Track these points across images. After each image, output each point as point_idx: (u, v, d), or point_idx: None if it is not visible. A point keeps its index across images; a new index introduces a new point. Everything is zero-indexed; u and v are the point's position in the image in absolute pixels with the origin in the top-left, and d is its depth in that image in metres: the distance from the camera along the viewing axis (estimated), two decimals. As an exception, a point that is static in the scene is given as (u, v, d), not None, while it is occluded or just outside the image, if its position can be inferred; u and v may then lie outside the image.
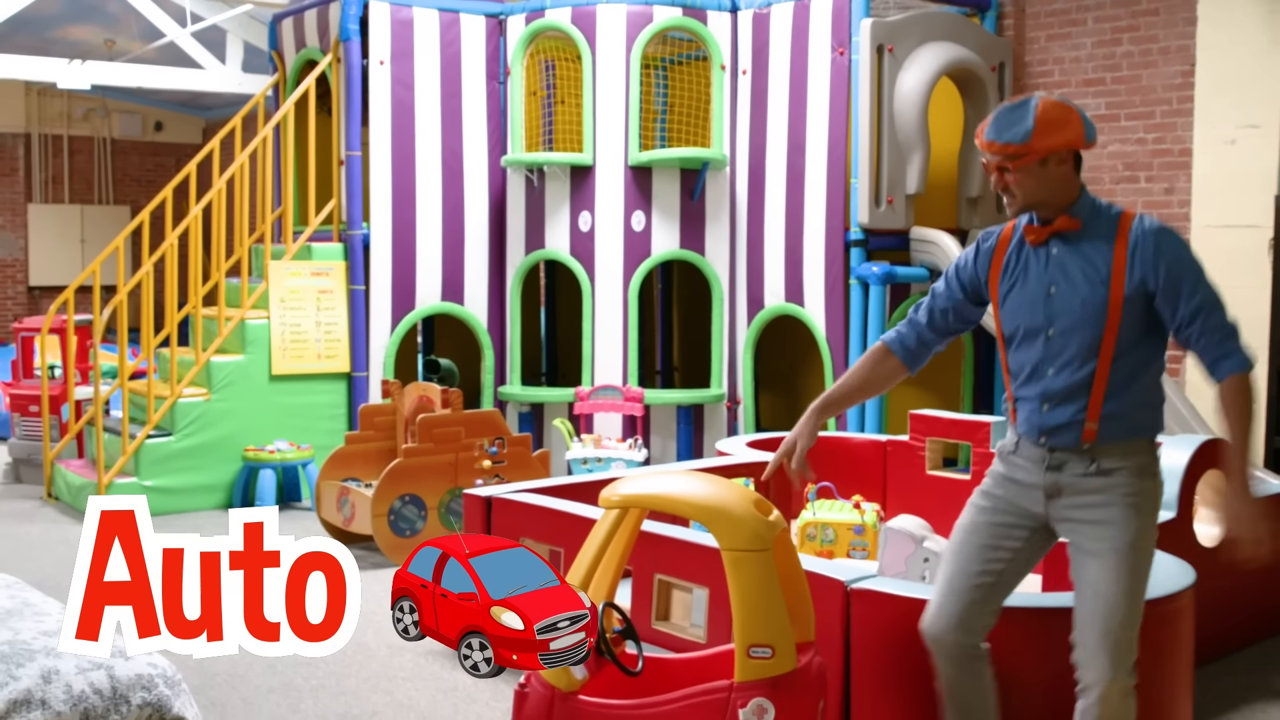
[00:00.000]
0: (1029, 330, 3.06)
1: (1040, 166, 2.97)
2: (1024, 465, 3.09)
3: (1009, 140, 2.96)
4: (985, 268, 3.18)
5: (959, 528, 3.23)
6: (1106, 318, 2.96)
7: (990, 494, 3.18)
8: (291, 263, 7.67)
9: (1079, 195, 3.02)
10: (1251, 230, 6.77)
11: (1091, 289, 2.98)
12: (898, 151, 7.22)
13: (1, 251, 14.50)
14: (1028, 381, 3.07)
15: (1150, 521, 3.01)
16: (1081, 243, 3.00)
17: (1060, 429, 3.01)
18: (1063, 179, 2.99)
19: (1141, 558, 2.99)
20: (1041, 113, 2.95)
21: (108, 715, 3.00)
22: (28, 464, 8.17)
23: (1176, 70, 7.28)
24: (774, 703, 3.04)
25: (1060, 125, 2.96)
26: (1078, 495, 3.01)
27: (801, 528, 5.42)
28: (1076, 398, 2.99)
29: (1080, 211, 3.01)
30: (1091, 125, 3.01)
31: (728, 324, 8.04)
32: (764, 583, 3.06)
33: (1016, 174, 2.98)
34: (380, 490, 6.02)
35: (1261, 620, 5.06)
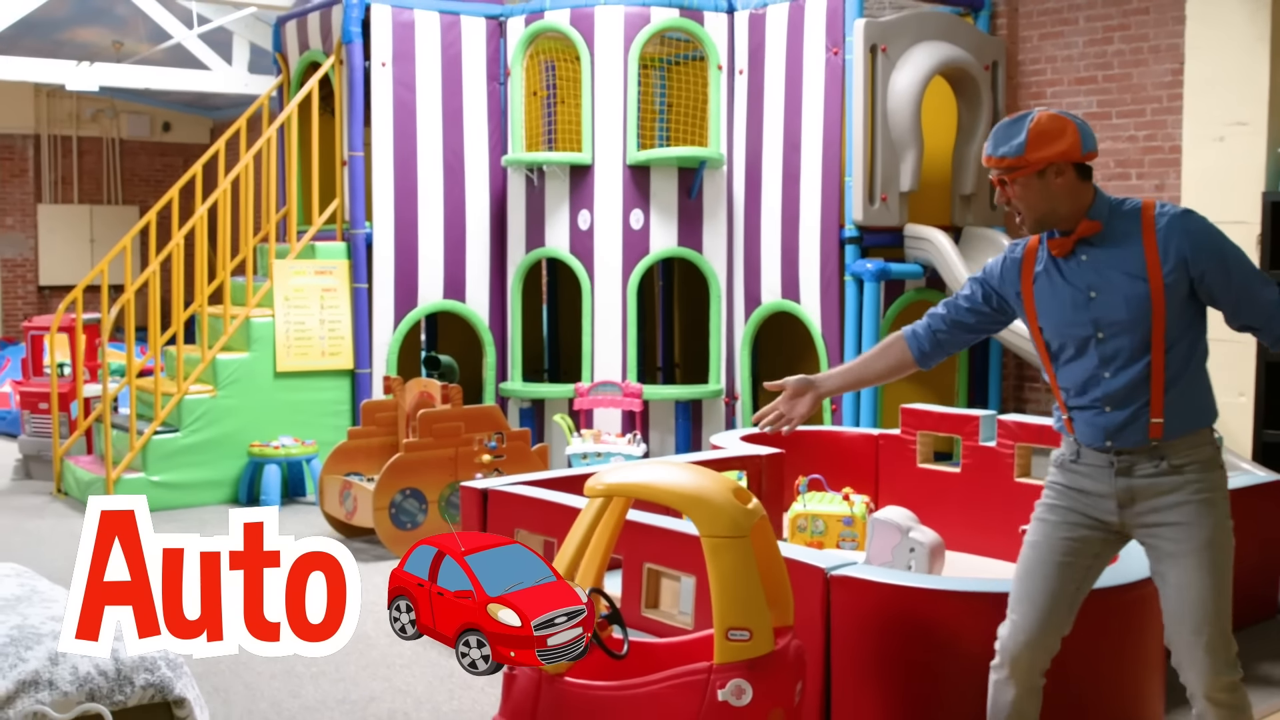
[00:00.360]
0: (1077, 340, 3.06)
1: (1038, 179, 2.98)
2: (1090, 473, 3.08)
3: (1004, 154, 3.00)
4: (1014, 280, 3.17)
5: (1029, 545, 3.17)
6: (1152, 311, 2.96)
7: (1056, 507, 3.14)
8: (296, 261, 7.80)
9: (1092, 201, 3.02)
10: (1240, 226, 6.84)
11: (1132, 285, 2.97)
12: (891, 150, 7.32)
13: (11, 251, 14.66)
14: (1085, 391, 3.07)
15: (1223, 513, 3.00)
16: (1109, 243, 3.01)
17: (1125, 428, 3.00)
18: (1065, 190, 2.99)
19: (1220, 553, 2.98)
20: (1035, 126, 2.98)
21: (112, 695, 3.12)
22: (38, 460, 8.31)
23: (1167, 68, 7.38)
24: (751, 684, 3.15)
25: (1054, 137, 2.97)
26: (1151, 499, 3.00)
27: (792, 519, 5.53)
28: (1138, 395, 2.99)
29: (1098, 214, 3.02)
30: (1090, 136, 3.02)
31: (725, 320, 8.16)
32: (742, 568, 3.16)
33: (1015, 187, 3.02)
34: (381, 484, 6.14)
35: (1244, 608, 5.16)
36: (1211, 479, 3.00)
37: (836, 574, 3.70)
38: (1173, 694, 3.99)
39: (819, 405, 3.43)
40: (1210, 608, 2.95)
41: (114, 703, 3.11)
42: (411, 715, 4.17)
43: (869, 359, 3.43)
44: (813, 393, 3.41)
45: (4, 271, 14.66)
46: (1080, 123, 3.02)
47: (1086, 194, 3.02)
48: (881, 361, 3.41)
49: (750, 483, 5.77)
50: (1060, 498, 3.14)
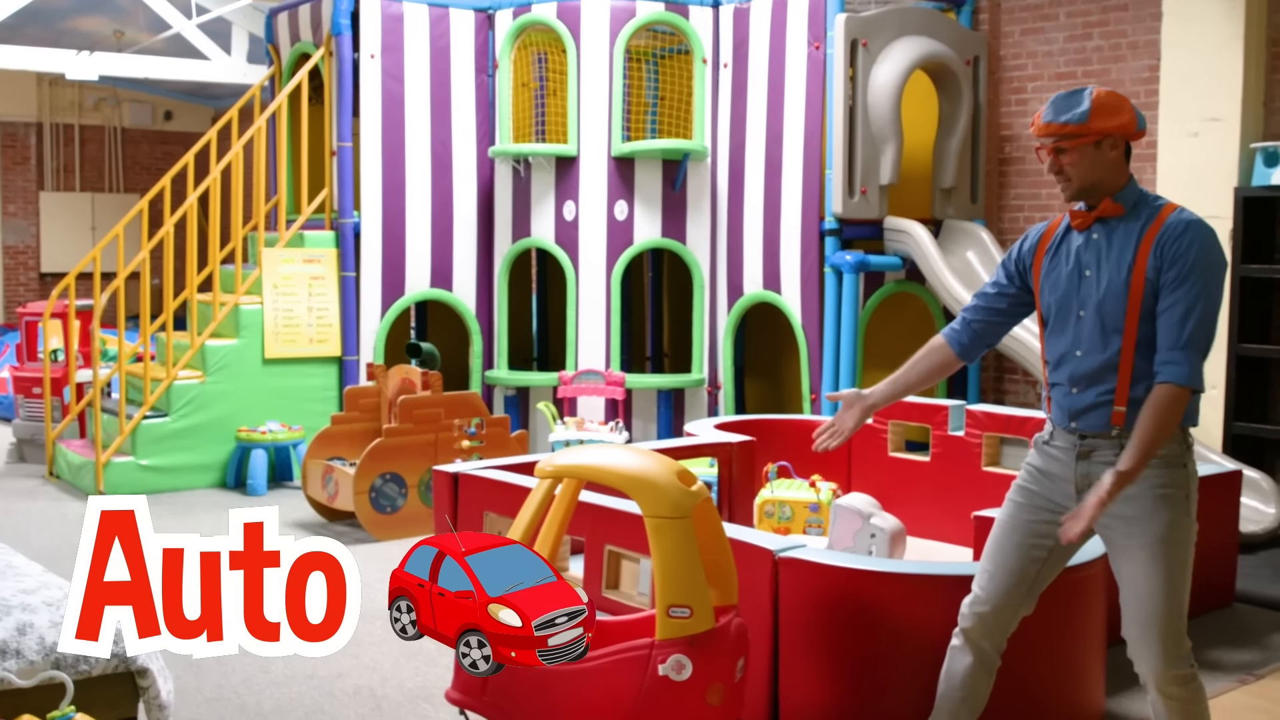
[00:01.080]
0: (1061, 312, 3.15)
1: (1095, 148, 3.06)
2: (1058, 455, 3.16)
3: (1067, 120, 3.06)
4: (1032, 253, 3.26)
5: (998, 523, 3.28)
6: (1128, 300, 3.03)
7: (1026, 489, 3.24)
8: (284, 250, 7.92)
9: (1126, 183, 3.11)
10: (1213, 221, 6.89)
11: (1117, 271, 3.05)
12: (871, 143, 7.41)
13: (14, 239, 14.80)
14: (1059, 366, 3.16)
15: (1182, 511, 3.05)
16: (1121, 229, 3.08)
17: (1088, 411, 3.08)
18: (1114, 164, 3.08)
19: (1175, 549, 3.02)
20: (1098, 98, 3.06)
21: (77, 665, 3.24)
22: (31, 444, 8.45)
23: (1144, 64, 7.46)
24: (691, 659, 3.26)
25: (1115, 110, 3.07)
26: None
27: (760, 505, 5.64)
28: (1104, 379, 3.06)
29: (1126, 199, 3.09)
30: (1142, 116, 3.12)
31: (708, 311, 8.27)
32: (683, 548, 3.27)
33: (1072, 154, 3.07)
34: (362, 469, 6.26)
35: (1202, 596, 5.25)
36: (1172, 476, 3.05)
37: (784, 556, 3.81)
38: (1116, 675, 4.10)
39: (868, 417, 3.48)
40: (1161, 604, 3.01)
41: (79, 672, 3.23)
42: (376, 690, 4.29)
43: (912, 364, 3.46)
44: (860, 404, 3.47)
45: (6, 258, 14.80)
46: (1133, 103, 3.12)
47: (1124, 175, 3.11)
48: (924, 364, 3.45)
49: (721, 469, 5.89)
50: (1031, 481, 3.24)
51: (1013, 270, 3.33)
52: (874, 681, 3.73)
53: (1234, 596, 5.40)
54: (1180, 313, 2.98)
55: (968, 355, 3.43)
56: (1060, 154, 3.09)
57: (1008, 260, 3.34)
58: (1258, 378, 6.95)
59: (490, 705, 3.46)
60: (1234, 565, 5.41)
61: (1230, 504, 5.40)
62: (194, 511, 6.93)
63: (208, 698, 4.21)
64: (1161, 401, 2.96)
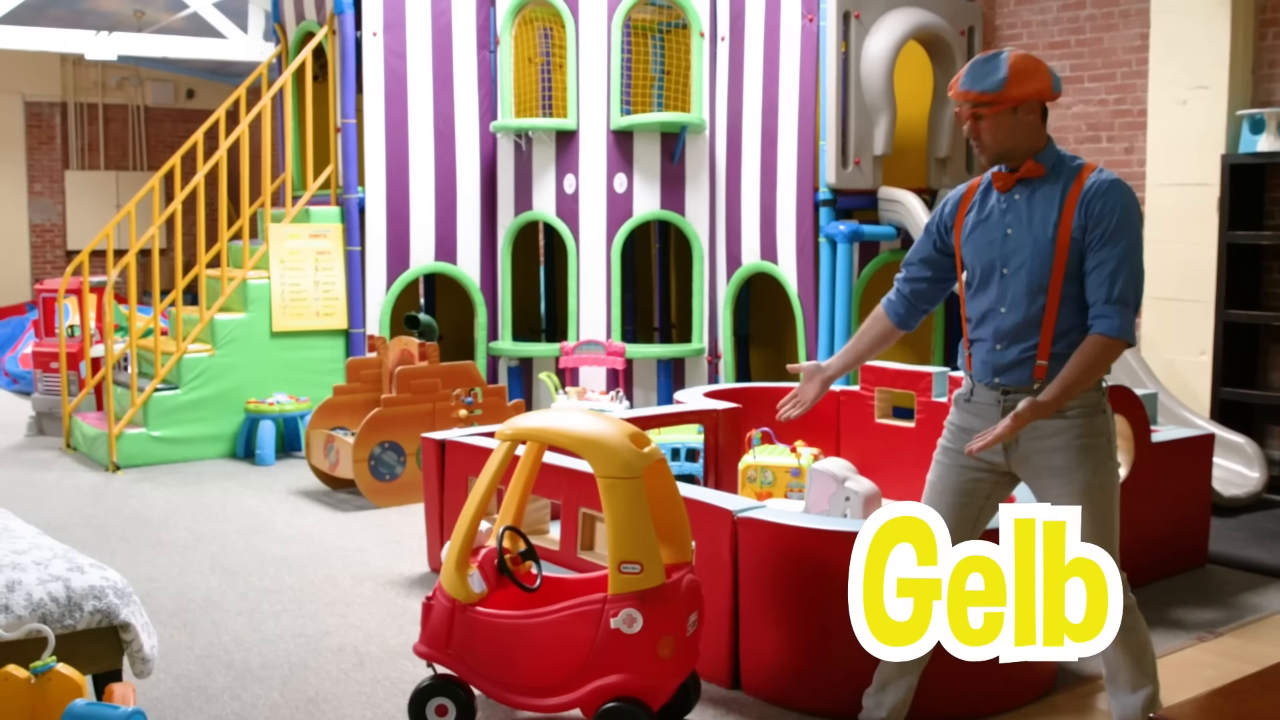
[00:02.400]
0: (985, 270, 3.24)
1: (1011, 114, 3.15)
2: (979, 411, 3.26)
3: (984, 89, 3.14)
4: (953, 215, 3.36)
5: (928, 484, 3.39)
6: (1054, 258, 3.12)
7: (950, 450, 3.34)
8: (291, 225, 8.09)
9: (1045, 144, 3.20)
10: (1201, 189, 7.00)
11: (1042, 230, 3.15)
12: (865, 114, 7.50)
13: (40, 217, 15.07)
14: (982, 323, 3.26)
15: (1104, 457, 3.17)
16: (1042, 190, 3.18)
17: (1012, 367, 3.19)
18: (1031, 127, 3.17)
19: (1101, 494, 3.15)
20: (1013, 64, 3.14)
21: (62, 619, 3.42)
22: (49, 417, 8.68)
23: (1135, 33, 7.51)
24: (642, 613, 3.42)
25: (1030, 75, 3.15)
26: (1034, 440, 3.17)
27: (742, 470, 5.77)
28: (1027, 335, 3.17)
29: (1046, 159, 3.19)
30: (1058, 77, 3.20)
31: (708, 281, 8.39)
32: (634, 506, 3.42)
33: (989, 120, 3.16)
34: (361, 437, 6.44)
35: (1175, 557, 5.36)
36: (1093, 424, 3.18)
37: (742, 516, 3.95)
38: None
39: (827, 388, 3.60)
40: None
41: (64, 626, 3.41)
42: (360, 648, 4.46)
43: (858, 336, 3.61)
44: (819, 376, 3.59)
45: (33, 236, 15.07)
46: (1049, 65, 3.21)
47: (1043, 136, 3.21)
48: (869, 335, 3.58)
49: (708, 435, 6.03)
50: (953, 440, 3.35)
51: (935, 235, 3.44)
52: (830, 637, 3.86)
53: (1207, 558, 5.50)
54: (1110, 269, 3.10)
55: (906, 324, 3.56)
56: (978, 120, 3.18)
57: (930, 225, 3.45)
58: (1245, 344, 7.02)
59: (454, 658, 3.62)
60: (1207, 527, 5.50)
61: (1203, 466, 5.49)
62: (203, 481, 7.13)
63: (199, 655, 4.39)
64: (1093, 349, 3.09)
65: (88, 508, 6.61)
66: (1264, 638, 4.53)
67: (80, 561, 3.65)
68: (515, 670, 3.55)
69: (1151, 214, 7.30)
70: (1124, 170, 7.61)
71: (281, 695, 4.03)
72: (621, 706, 3.42)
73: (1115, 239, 3.11)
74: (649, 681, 3.44)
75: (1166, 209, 7.18)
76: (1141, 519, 4.99)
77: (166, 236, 12.35)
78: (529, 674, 3.54)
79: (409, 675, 4.12)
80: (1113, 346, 3.10)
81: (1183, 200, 7.09)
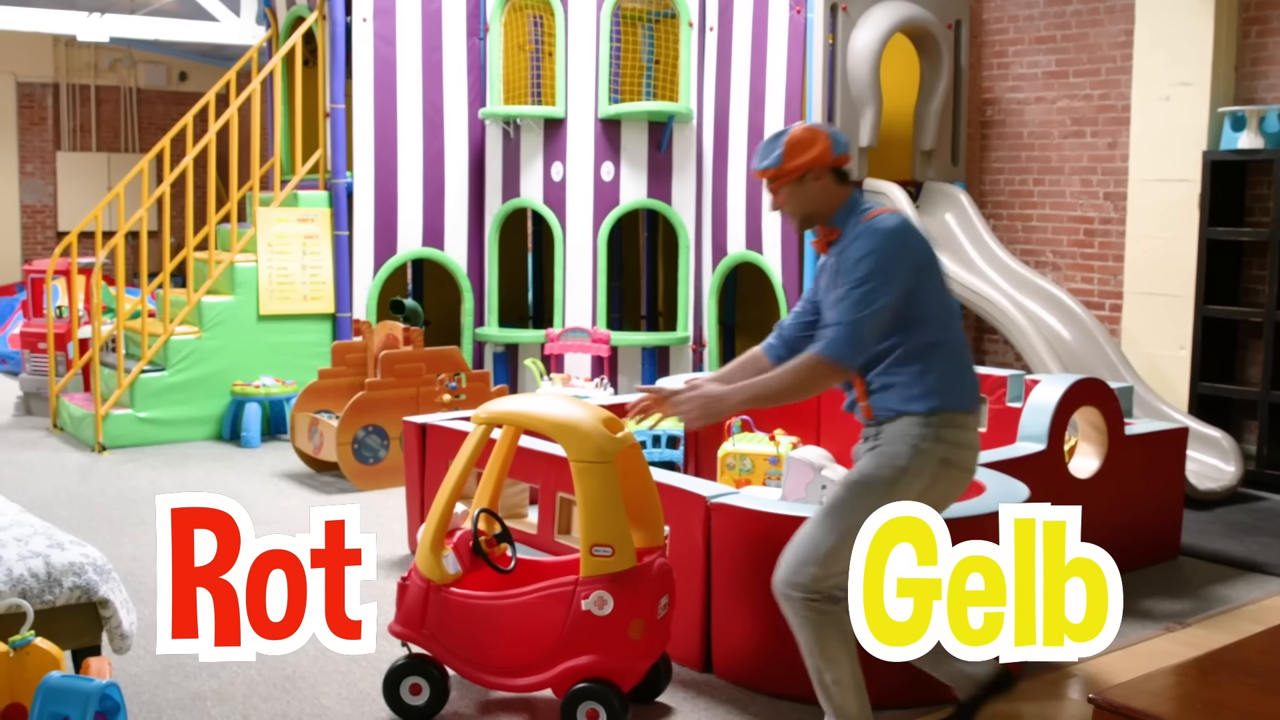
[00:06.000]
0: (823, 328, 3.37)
1: (798, 184, 3.35)
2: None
3: (766, 166, 3.37)
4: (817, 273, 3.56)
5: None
6: None
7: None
8: (279, 209, 8.12)
9: (838, 206, 3.36)
10: (1182, 184, 7.06)
11: (835, 289, 3.30)
12: (851, 106, 7.55)
13: (32, 198, 15.09)
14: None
15: (884, 476, 3.26)
16: (842, 246, 3.33)
17: (854, 407, 3.43)
18: (822, 192, 3.35)
19: (849, 493, 3.29)
20: (790, 138, 3.33)
21: (42, 595, 3.47)
22: (37, 397, 8.71)
23: (1120, 28, 7.56)
24: (613, 595, 3.48)
25: (807, 145, 3.32)
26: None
27: (721, 458, 5.83)
28: (853, 385, 3.38)
29: (839, 221, 3.36)
30: (841, 141, 3.35)
31: (693, 270, 8.44)
32: (606, 491, 3.48)
33: (781, 194, 3.39)
34: (345, 421, 6.49)
35: (1148, 549, 5.43)
36: (894, 449, 3.27)
37: (715, 501, 4.01)
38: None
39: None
40: (810, 526, 3.31)
41: (44, 602, 3.46)
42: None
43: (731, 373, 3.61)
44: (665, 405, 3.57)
45: (24, 217, 15.09)
46: (833, 131, 3.37)
47: (836, 199, 3.37)
48: (742, 375, 3.58)
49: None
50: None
51: (810, 289, 3.61)
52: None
53: (1179, 550, 5.56)
54: (836, 298, 3.27)
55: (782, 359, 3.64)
56: (776, 194, 3.40)
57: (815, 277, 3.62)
58: (1224, 339, 7.09)
59: (428, 637, 3.67)
60: (1179, 519, 5.56)
61: (1177, 460, 5.55)
62: (189, 463, 7.18)
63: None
64: (799, 362, 3.27)
65: (73, 487, 6.65)
66: (1230, 629, 4.59)
67: (61, 538, 3.70)
68: (488, 650, 3.61)
69: (1133, 209, 7.36)
70: (1108, 165, 7.67)
71: (259, 673, 4.08)
72: (592, 687, 3.48)
73: (851, 274, 3.23)
74: (619, 663, 3.51)
75: (1148, 204, 7.24)
76: (1114, 511, 5.07)
77: (156, 218, 12.35)
78: (502, 654, 3.59)
79: (384, 655, 4.16)
80: (817, 364, 3.23)
81: (1164, 196, 7.15)
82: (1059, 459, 4.94)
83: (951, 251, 7.49)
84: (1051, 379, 5.11)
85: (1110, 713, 2.02)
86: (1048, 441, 4.87)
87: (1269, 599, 4.96)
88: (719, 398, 3.31)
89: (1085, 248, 7.85)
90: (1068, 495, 4.83)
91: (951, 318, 3.38)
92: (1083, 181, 7.84)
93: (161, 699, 3.92)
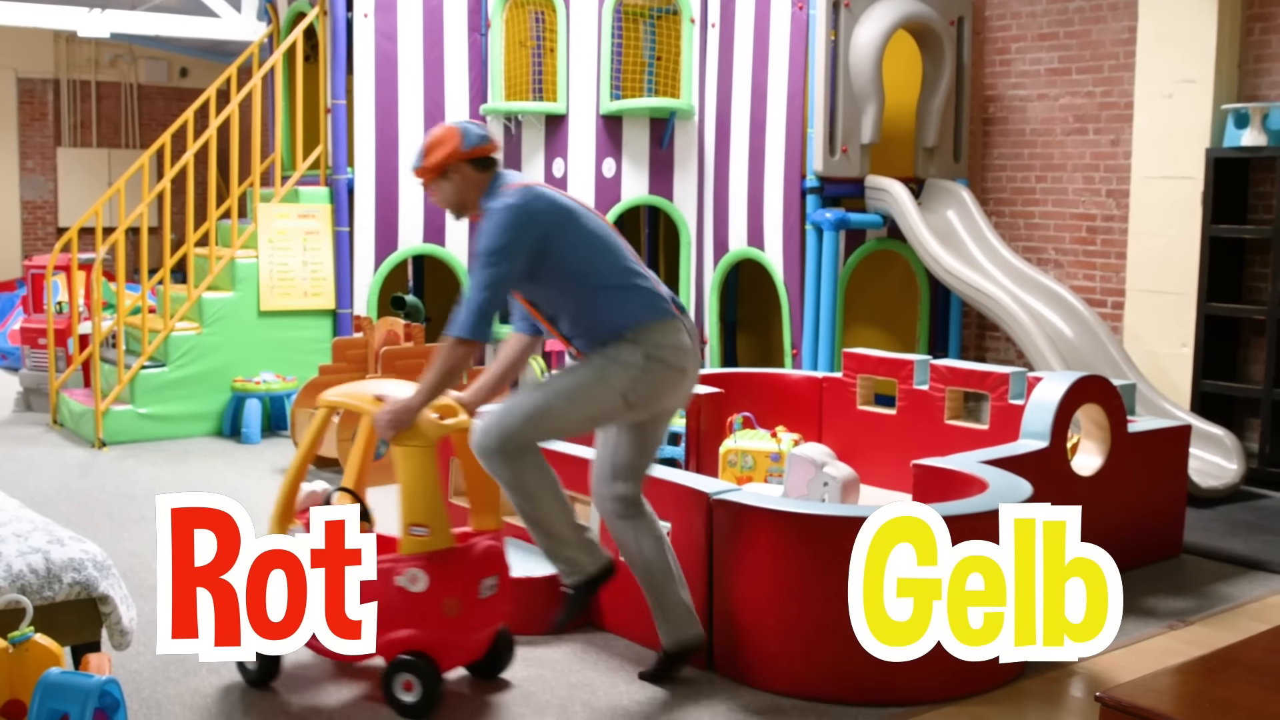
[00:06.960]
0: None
1: (442, 179, 3.72)
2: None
3: (414, 167, 3.76)
4: None
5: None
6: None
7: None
8: (280, 205, 8.11)
9: (484, 191, 3.69)
10: (1185, 182, 7.04)
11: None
12: (853, 102, 7.54)
13: (32, 194, 15.06)
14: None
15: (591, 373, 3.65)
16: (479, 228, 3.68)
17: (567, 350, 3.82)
18: (463, 182, 3.71)
19: (559, 379, 3.68)
20: (427, 139, 3.72)
21: (41, 590, 3.46)
22: (37, 393, 8.70)
23: (1124, 25, 7.54)
24: (427, 573, 3.63)
25: (439, 144, 3.69)
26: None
27: (723, 454, 5.82)
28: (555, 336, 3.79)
29: (484, 204, 3.68)
30: (472, 134, 3.68)
31: (695, 266, 8.43)
32: (424, 473, 3.65)
33: (430, 189, 3.76)
34: (345, 417, 6.47)
35: (1151, 546, 5.41)
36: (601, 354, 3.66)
37: (718, 498, 4.00)
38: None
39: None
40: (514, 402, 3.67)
41: (43, 598, 3.45)
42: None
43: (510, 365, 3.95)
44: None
45: (25, 213, 15.06)
46: (464, 126, 3.71)
47: (478, 188, 3.71)
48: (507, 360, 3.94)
49: (689, 419, 6.07)
50: None
51: None
52: (803, 619, 3.91)
53: (1182, 548, 5.55)
54: (469, 283, 3.62)
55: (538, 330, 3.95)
56: (427, 190, 3.78)
57: None
58: (1227, 337, 7.07)
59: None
60: (1182, 517, 5.55)
61: (1179, 457, 5.53)
62: (189, 459, 7.17)
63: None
64: (440, 348, 3.61)
65: (73, 483, 6.64)
66: (1234, 626, 4.58)
67: (60, 534, 3.69)
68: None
69: (1135, 206, 7.35)
70: (1111, 162, 7.66)
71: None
72: (408, 659, 3.63)
73: (477, 253, 3.61)
74: (435, 637, 3.64)
75: (1151, 201, 7.23)
76: (1116, 508, 5.05)
77: (156, 214, 12.35)
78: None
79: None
80: (454, 347, 3.58)
81: (1167, 193, 7.13)
82: (1061, 456, 4.93)
83: (953, 248, 7.48)
84: (1054, 376, 5.10)
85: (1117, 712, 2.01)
86: (1050, 439, 4.86)
87: (1271, 597, 4.95)
88: (405, 405, 3.62)
89: (1088, 245, 7.83)
90: (1070, 493, 4.81)
91: (606, 255, 3.70)
92: (1085, 178, 7.82)
93: (161, 695, 3.91)
